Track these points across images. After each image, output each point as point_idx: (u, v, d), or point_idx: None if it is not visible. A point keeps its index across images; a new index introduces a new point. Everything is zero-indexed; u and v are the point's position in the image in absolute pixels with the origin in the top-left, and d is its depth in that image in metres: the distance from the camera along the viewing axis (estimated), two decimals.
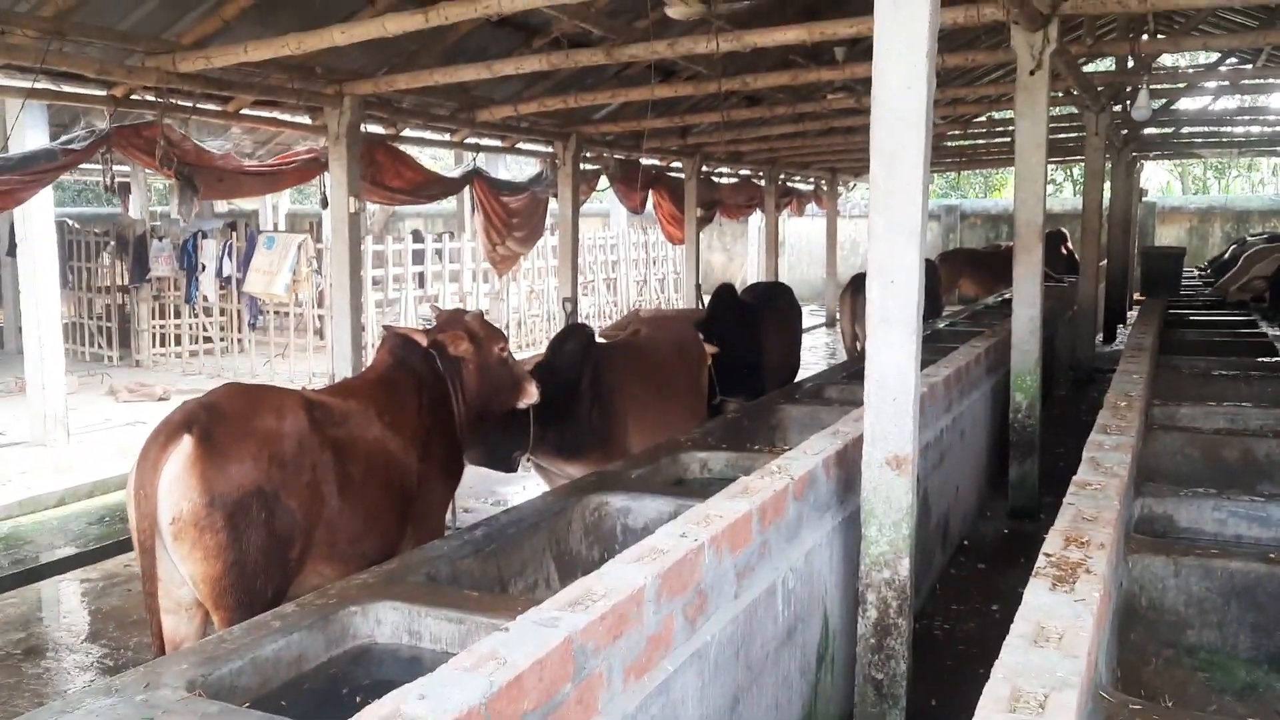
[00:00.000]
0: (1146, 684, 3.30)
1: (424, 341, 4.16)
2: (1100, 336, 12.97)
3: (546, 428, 5.06)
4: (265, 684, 2.48)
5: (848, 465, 3.83)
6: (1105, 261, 13.57)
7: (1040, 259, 5.87)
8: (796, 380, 7.08)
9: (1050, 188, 28.61)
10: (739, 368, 6.55)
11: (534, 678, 1.98)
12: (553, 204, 10.63)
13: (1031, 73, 5.53)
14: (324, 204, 8.01)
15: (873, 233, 3.34)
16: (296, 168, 8.08)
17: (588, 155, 10.43)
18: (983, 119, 12.74)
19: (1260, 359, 7.96)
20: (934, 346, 6.91)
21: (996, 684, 1.97)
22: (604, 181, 11.76)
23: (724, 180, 15.25)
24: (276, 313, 12.71)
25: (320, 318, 12.04)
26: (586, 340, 5.43)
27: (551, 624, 2.15)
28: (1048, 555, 2.68)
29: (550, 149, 9.93)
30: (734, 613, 2.88)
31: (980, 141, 14.55)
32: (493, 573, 3.36)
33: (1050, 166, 25.92)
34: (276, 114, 7.65)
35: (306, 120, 7.75)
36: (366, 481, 3.56)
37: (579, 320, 9.38)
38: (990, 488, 6.58)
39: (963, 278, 14.55)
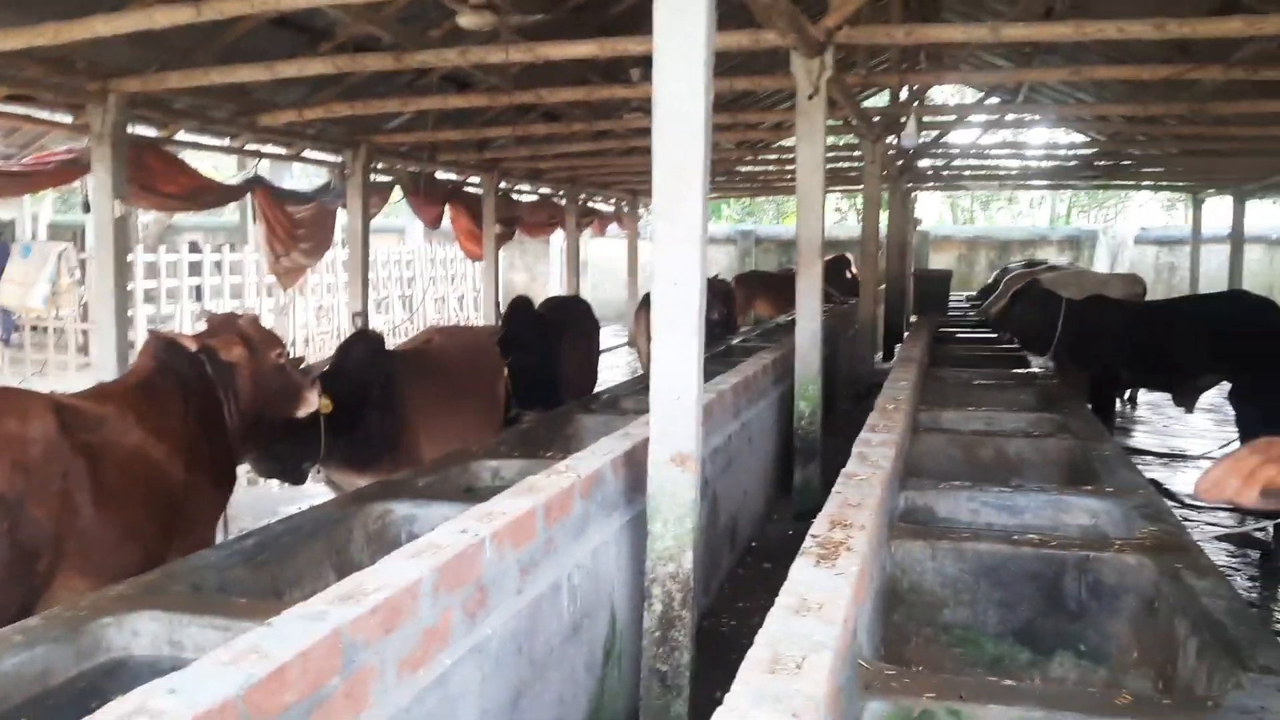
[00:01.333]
0: (908, 660, 3.50)
1: (192, 346, 3.95)
2: (880, 355, 13.74)
3: (338, 438, 4.90)
4: (4, 700, 2.28)
5: (636, 466, 3.90)
6: (885, 285, 14.43)
7: (820, 275, 6.18)
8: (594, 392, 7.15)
9: (836, 215, 30.30)
10: (535, 379, 6.57)
11: (297, 670, 1.91)
12: (344, 216, 10.34)
13: (810, 97, 5.83)
14: (86, 208, 7.49)
15: (657, 238, 3.43)
16: (54, 169, 7.51)
17: (379, 166, 10.20)
18: (775, 146, 13.33)
19: (1014, 370, 8.69)
20: (727, 361, 7.15)
21: (758, 650, 2.05)
22: (399, 194, 11.54)
23: (524, 198, 15.28)
24: (34, 328, 11.76)
25: (84, 333, 11.21)
26: (376, 347, 5.31)
27: (318, 618, 2.08)
28: (814, 536, 2.81)
29: (339, 158, 9.66)
30: (517, 608, 2.87)
31: (772, 168, 15.20)
32: (266, 582, 3.22)
33: (836, 195, 27.50)
34: (32, 111, 7.09)
35: (67, 119, 7.22)
36: (125, 491, 3.34)
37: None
38: (777, 492, 6.85)
39: (757, 299, 15.11)
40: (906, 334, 11.43)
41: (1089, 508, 4.23)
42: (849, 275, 16.01)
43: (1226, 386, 8.01)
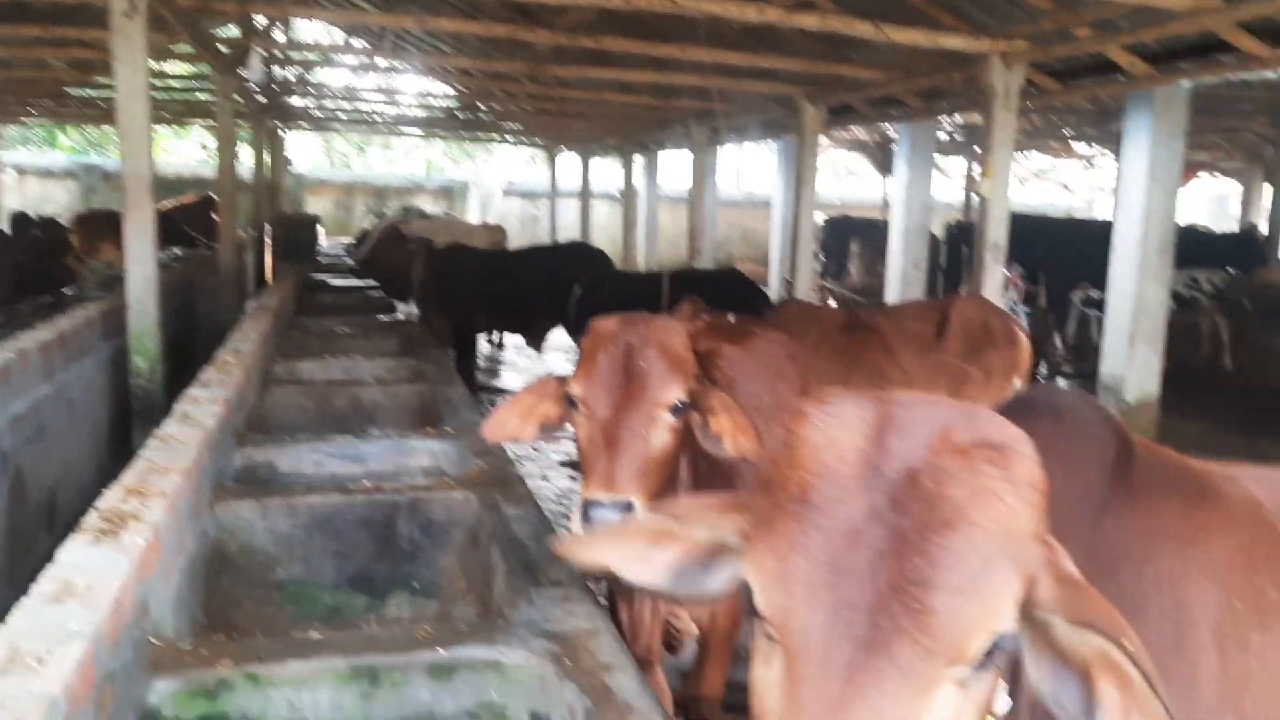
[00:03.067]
0: (238, 625, 3.32)
1: None
2: (251, 302, 13.12)
3: None
4: None
5: None
6: (255, 230, 13.76)
7: (152, 215, 5.59)
8: None
9: (204, 154, 28.23)
10: None
11: None
12: None
13: (127, 15, 5.19)
14: None
15: None
16: None
17: None
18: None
19: (380, 317, 8.82)
20: (46, 316, 6.22)
21: None
22: None
23: None
24: None
25: None
26: None
27: None
28: (98, 510, 2.49)
29: None
30: None
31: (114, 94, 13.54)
32: None
33: (202, 130, 25.49)
34: None
35: None
36: None
37: None
38: (113, 459, 6.14)
39: (104, 242, 13.42)
40: (269, 282, 11.03)
41: (429, 450, 4.38)
42: (216, 216, 15.01)
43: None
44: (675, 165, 22.70)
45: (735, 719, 3.20)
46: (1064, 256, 12.02)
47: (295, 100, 14.18)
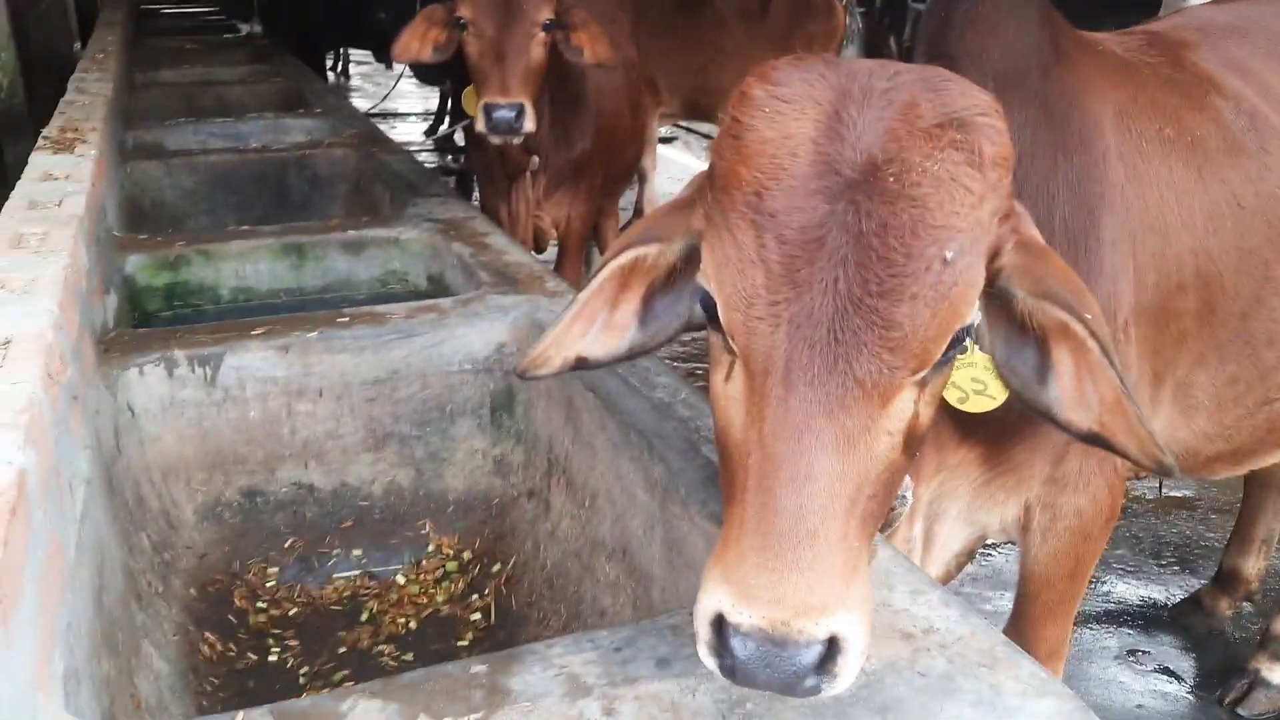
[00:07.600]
0: None
1: None
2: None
3: None
4: None
5: None
6: None
7: None
8: None
9: None
10: None
11: None
12: None
13: None
14: None
15: None
16: None
17: None
18: None
19: (226, 36, 8.88)
20: None
21: (16, 198, 2.28)
22: None
23: None
24: None
25: None
26: None
27: None
28: (47, 137, 2.98)
29: None
30: None
31: None
32: None
33: None
34: None
35: None
36: None
37: None
38: None
39: None
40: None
41: (304, 126, 4.87)
42: None
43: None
44: None
45: None
46: None
47: None
